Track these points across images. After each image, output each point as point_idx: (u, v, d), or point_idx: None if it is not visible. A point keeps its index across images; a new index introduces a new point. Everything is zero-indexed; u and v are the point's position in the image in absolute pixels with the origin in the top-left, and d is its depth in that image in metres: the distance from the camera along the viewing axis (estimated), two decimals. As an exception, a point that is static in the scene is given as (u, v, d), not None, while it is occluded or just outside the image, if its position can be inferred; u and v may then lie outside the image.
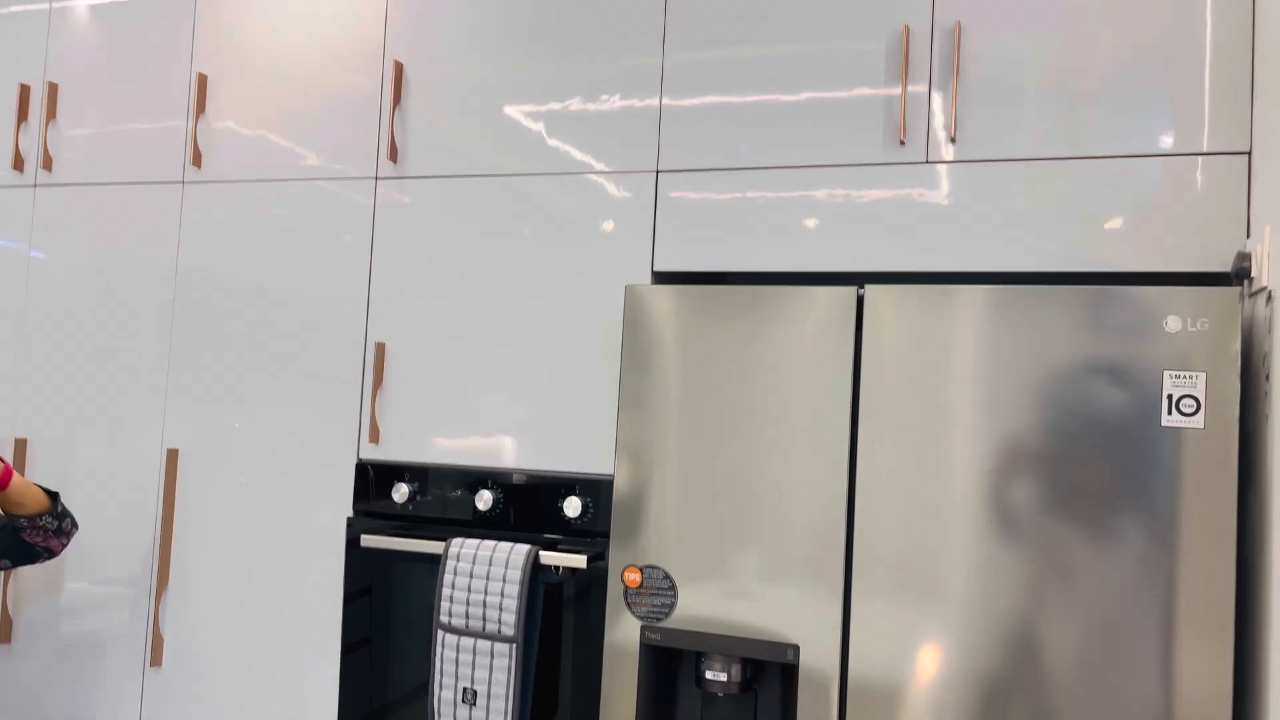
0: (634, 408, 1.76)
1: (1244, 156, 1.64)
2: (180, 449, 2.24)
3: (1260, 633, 1.45)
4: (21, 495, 1.94)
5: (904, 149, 1.81)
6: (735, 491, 1.69)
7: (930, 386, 1.59)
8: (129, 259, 2.31)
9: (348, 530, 2.09)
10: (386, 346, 2.10)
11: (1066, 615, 1.51)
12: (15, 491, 1.93)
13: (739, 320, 1.71)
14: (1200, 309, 1.47)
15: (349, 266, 2.14)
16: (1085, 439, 1.51)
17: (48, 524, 2.00)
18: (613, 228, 1.97)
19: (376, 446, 2.10)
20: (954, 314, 1.59)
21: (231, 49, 2.26)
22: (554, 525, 1.96)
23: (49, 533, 2.00)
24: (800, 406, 1.67)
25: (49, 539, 2.01)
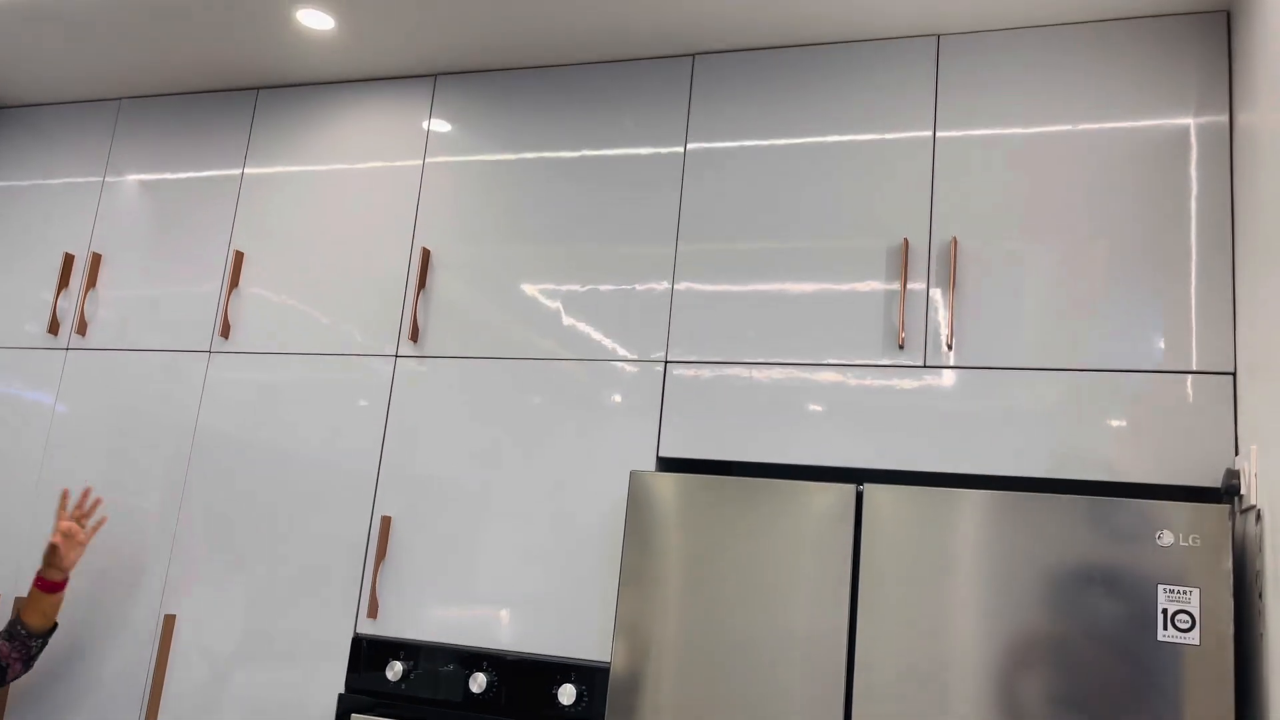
0: (633, 592, 1.77)
1: (1229, 377, 1.71)
2: (178, 614, 2.23)
3: None
4: (55, 609, 2.12)
5: (903, 352, 1.89)
6: (733, 681, 1.68)
7: (928, 585, 1.61)
8: (149, 420, 2.37)
9: (338, 707, 2.06)
10: (392, 520, 2.13)
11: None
12: (56, 602, 2.13)
13: (741, 511, 1.75)
14: (1192, 525, 1.51)
15: (362, 439, 2.20)
16: (1082, 647, 1.51)
17: (36, 646, 2.14)
18: (621, 412, 2.03)
19: (374, 621, 2.09)
20: (951, 515, 1.62)
21: (269, 227, 2.40)
22: (548, 713, 1.93)
23: (29, 655, 2.13)
24: (799, 598, 1.68)
25: (19, 661, 2.12)
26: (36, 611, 2.12)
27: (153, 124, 2.59)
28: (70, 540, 2.12)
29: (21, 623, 2.12)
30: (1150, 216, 1.81)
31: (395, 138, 2.35)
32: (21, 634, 2.12)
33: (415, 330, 2.21)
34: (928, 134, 1.97)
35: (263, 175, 2.44)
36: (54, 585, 2.12)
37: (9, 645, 2.11)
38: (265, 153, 2.45)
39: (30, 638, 2.12)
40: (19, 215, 2.66)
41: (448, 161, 2.30)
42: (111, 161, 2.60)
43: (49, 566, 2.12)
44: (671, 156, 2.13)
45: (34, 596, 2.12)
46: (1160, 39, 1.87)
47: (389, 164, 2.34)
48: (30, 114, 2.73)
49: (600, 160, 2.18)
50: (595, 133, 2.19)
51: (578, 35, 2.15)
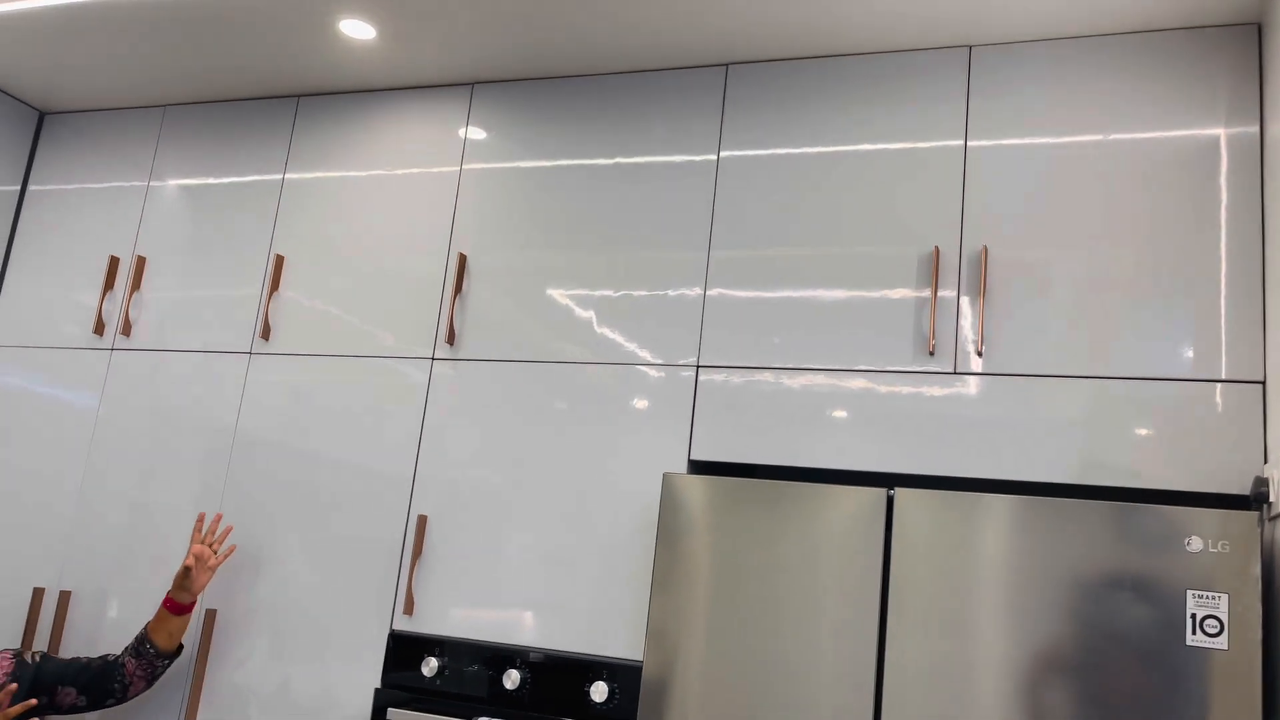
0: (666, 593, 1.81)
1: (1259, 386, 1.73)
2: (219, 609, 2.29)
3: None
4: (181, 631, 2.18)
5: (933, 359, 1.92)
6: (763, 685, 1.71)
7: (958, 589, 1.64)
8: (190, 420, 2.43)
9: (374, 702, 2.10)
10: (428, 519, 2.18)
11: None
12: (184, 624, 2.17)
13: (771, 513, 1.78)
14: (1221, 531, 1.52)
15: (399, 439, 2.25)
16: (1111, 652, 1.53)
17: (162, 666, 2.17)
18: (653, 416, 2.07)
19: (410, 618, 2.14)
20: (981, 520, 1.65)
21: (309, 232, 2.45)
22: (580, 709, 1.97)
23: (153, 674, 2.16)
24: (829, 601, 1.71)
25: (144, 679, 2.15)
26: (163, 632, 2.16)
27: (196, 130, 2.65)
28: (201, 564, 2.16)
29: (150, 641, 2.15)
30: (1180, 226, 1.82)
31: (433, 145, 2.40)
32: (150, 653, 2.15)
33: (451, 334, 2.25)
34: (959, 143, 1.99)
35: (303, 181, 2.50)
36: (183, 608, 2.16)
37: (135, 663, 2.14)
38: (306, 159, 2.51)
39: (158, 657, 2.16)
40: (65, 219, 2.73)
41: (484, 169, 2.34)
42: (156, 167, 2.66)
43: (179, 589, 2.15)
44: (705, 164, 2.17)
45: (162, 617, 2.16)
46: (1191, 50, 1.89)
47: (426, 170, 2.39)
48: (76, 119, 2.80)
49: (634, 168, 2.22)
50: (629, 141, 2.23)
51: (613, 45, 2.19)
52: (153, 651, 2.15)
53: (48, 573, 2.46)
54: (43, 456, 2.55)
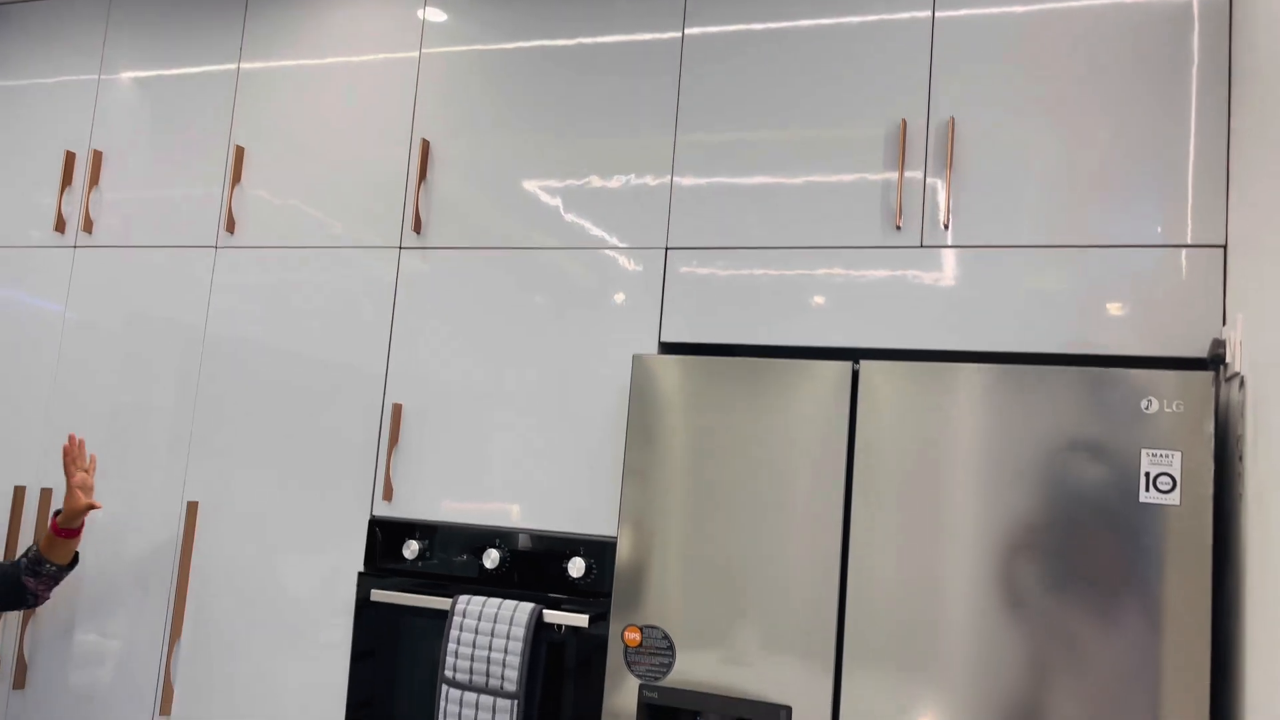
0: (638, 472, 1.84)
1: (1220, 250, 1.74)
2: (200, 501, 2.32)
3: (1236, 702, 1.51)
4: (75, 545, 2.21)
5: (900, 233, 1.92)
6: (733, 557, 1.76)
7: (921, 460, 1.67)
8: (160, 319, 2.42)
9: (358, 585, 2.16)
10: (403, 408, 2.19)
11: (1055, 685, 1.56)
12: (76, 543, 2.20)
13: (740, 391, 1.80)
14: (1177, 392, 1.56)
15: (371, 331, 2.25)
16: (1070, 513, 1.58)
17: (62, 578, 2.22)
18: (623, 300, 2.07)
19: (389, 504, 2.17)
20: (944, 390, 1.68)
21: (268, 123, 2.40)
22: (558, 585, 2.02)
23: (55, 585, 2.22)
24: (798, 477, 1.74)
25: (48, 591, 2.21)
26: (57, 551, 2.19)
27: (145, 19, 2.56)
28: (87, 491, 2.18)
29: (47, 561, 2.19)
30: (1150, 92, 1.81)
31: (391, 28, 2.33)
32: (50, 571, 2.19)
33: (418, 222, 2.23)
34: (926, 14, 1.96)
35: (259, 70, 2.43)
36: (73, 532, 2.19)
37: (35, 581, 2.18)
38: (260, 47, 2.44)
39: (59, 572, 2.20)
40: (17, 115, 2.66)
41: (444, 53, 2.29)
42: (106, 59, 2.58)
43: (69, 516, 2.16)
44: (669, 43, 2.12)
45: (51, 540, 2.18)
46: (1163, -92, 1.84)
47: (385, 55, 2.33)
48: (21, 11, 2.71)
49: (597, 48, 2.17)
50: (591, 19, 2.18)
51: (572, -83, 2.12)
52: (52, 570, 2.20)
53: (27, 472, 2.48)
54: (12, 358, 2.54)
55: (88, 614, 2.37)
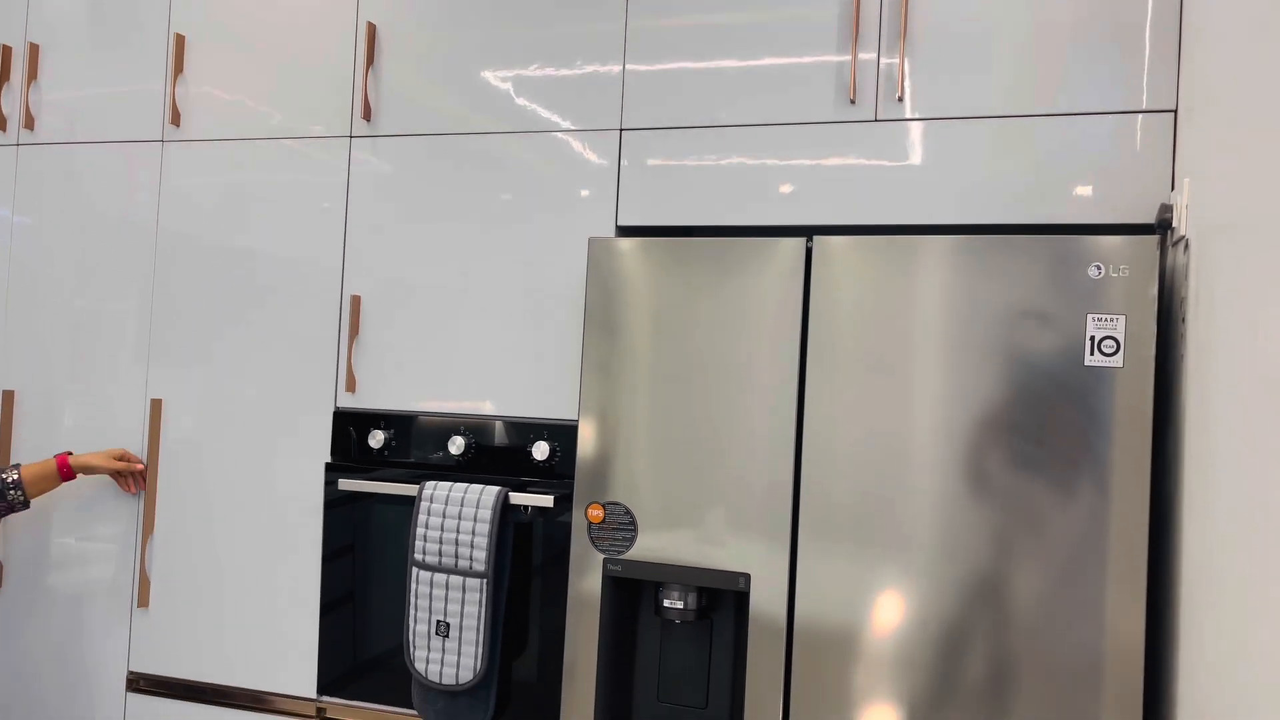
0: (596, 355, 1.85)
1: (1171, 114, 1.74)
2: (164, 399, 2.32)
3: (1172, 562, 1.57)
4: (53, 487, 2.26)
5: (854, 108, 1.90)
6: (693, 435, 1.79)
7: (876, 335, 1.69)
8: (111, 217, 2.38)
9: (326, 475, 2.18)
10: (362, 299, 2.19)
11: (1011, 554, 1.62)
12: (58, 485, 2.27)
13: (696, 271, 1.80)
14: (1123, 256, 1.58)
15: (325, 223, 2.22)
16: (1022, 381, 1.62)
17: (14, 509, 2.22)
18: (578, 185, 2.05)
19: (353, 396, 2.19)
20: (898, 263, 1.69)
21: (208, 10, 2.32)
22: (524, 469, 2.06)
23: (6, 512, 2.21)
24: (755, 355, 1.76)
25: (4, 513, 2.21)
26: (41, 487, 2.21)
27: (73, -98, 2.45)
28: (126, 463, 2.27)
29: (23, 489, 2.19)
30: (1103, -46, 1.78)
31: (330, -95, 2.25)
32: (17, 500, 2.19)
33: (367, 109, 2.19)
34: (881, -124, 1.90)
35: (196, -47, 2.34)
36: (72, 476, 2.24)
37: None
38: (196, -72, 2.34)
39: (23, 505, 2.21)
40: (-53, 9, 2.56)
41: (387, -71, 2.21)
42: (35, -55, 2.48)
43: (84, 466, 2.22)
44: (618, -87, 2.05)
45: (49, 475, 2.21)
46: None
47: (326, -65, 2.25)
48: (-59, -103, 2.58)
49: (545, -80, 2.10)
50: (538, -110, 2.10)
51: None
52: (21, 499, 2.20)
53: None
54: (-36, 261, 2.50)
55: (61, 518, 2.39)
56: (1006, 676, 1.61)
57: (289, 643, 2.21)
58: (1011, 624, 1.61)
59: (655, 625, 1.89)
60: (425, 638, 2.00)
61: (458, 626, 1.98)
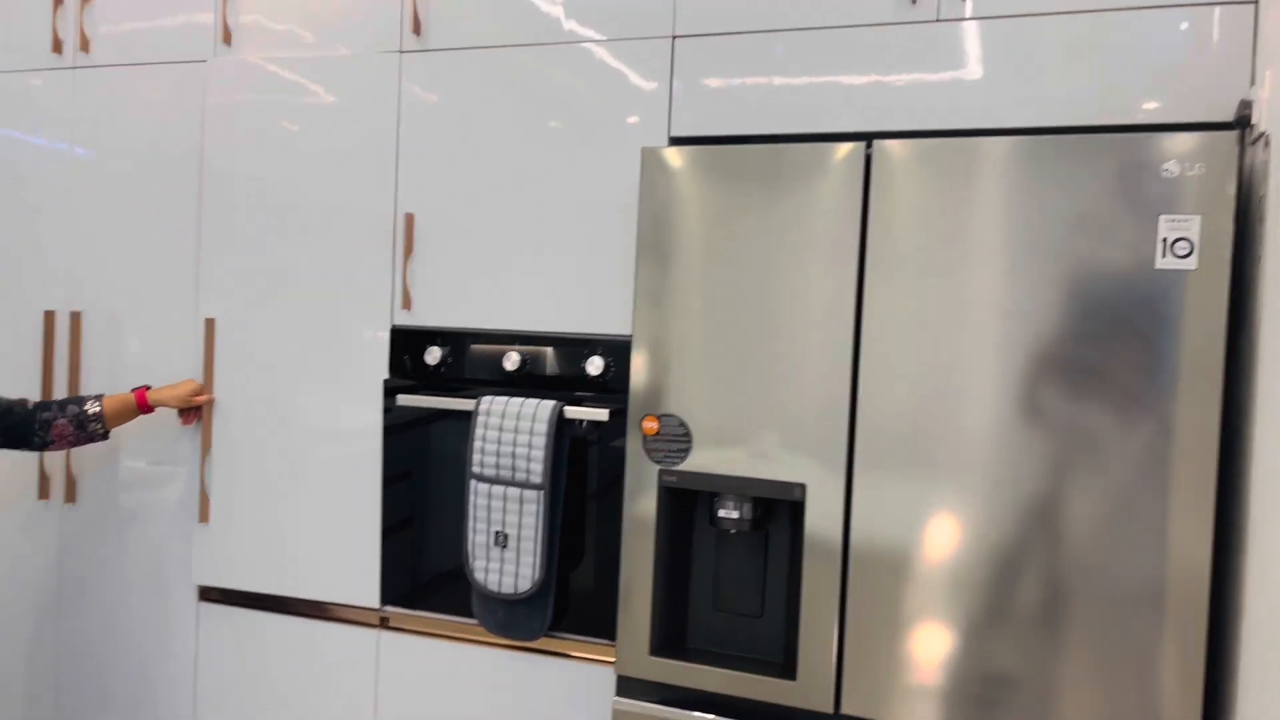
0: (650, 269, 1.84)
1: (1251, 5, 1.66)
2: (220, 319, 2.35)
3: (1241, 483, 1.53)
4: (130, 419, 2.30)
5: (915, 8, 1.84)
6: (748, 350, 1.77)
7: (933, 245, 1.65)
8: (163, 140, 2.39)
9: (384, 390, 2.21)
10: (415, 217, 2.19)
11: (1065, 474, 1.59)
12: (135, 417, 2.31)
13: (750, 179, 1.77)
14: (1198, 154, 1.51)
15: (377, 141, 2.22)
16: (1085, 289, 1.57)
17: (91, 440, 2.25)
18: (630, 96, 2.02)
19: (409, 313, 2.20)
20: (957, 168, 1.64)
21: (256, -74, 2.31)
22: (578, 384, 2.06)
23: (85, 443, 2.25)
24: (812, 266, 1.73)
25: (68, 445, 2.24)
26: (120, 419, 2.26)
27: None
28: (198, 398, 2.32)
29: (103, 421, 2.23)
30: None
31: None
32: (97, 432, 2.23)
33: (416, 23, 2.16)
34: None
35: None
36: (149, 410, 2.29)
37: (72, 431, 2.20)
38: None
39: (102, 437, 2.25)
40: (-1, -67, 2.57)
41: None
42: None
43: (160, 396, 2.27)
44: None
45: (129, 408, 2.26)
46: None
47: None
48: None
49: None
50: None
51: None
52: (101, 431, 2.24)
53: (55, 297, 2.52)
54: (23, 185, 2.53)
55: (128, 440, 2.45)
56: (1062, 602, 1.60)
57: (350, 556, 2.26)
58: (1069, 548, 1.59)
59: (710, 536, 1.90)
60: (484, 549, 2.03)
61: (515, 538, 2.00)
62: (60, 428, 2.19)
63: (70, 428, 2.20)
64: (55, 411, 2.19)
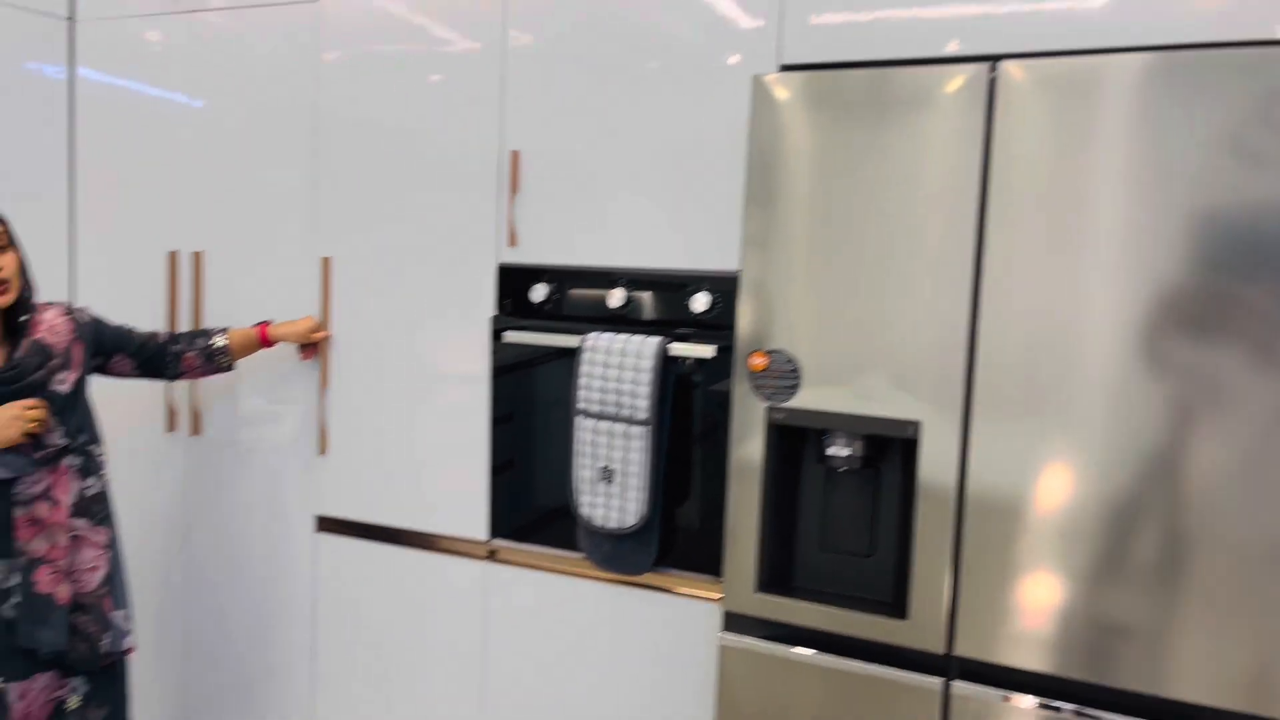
0: (759, 200, 1.80)
1: None
2: (334, 258, 2.40)
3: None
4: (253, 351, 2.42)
5: (1045, -79, 1.73)
6: (860, 286, 1.72)
7: (1061, 170, 1.57)
8: (276, 84, 2.44)
9: (491, 328, 2.23)
10: (521, 154, 2.18)
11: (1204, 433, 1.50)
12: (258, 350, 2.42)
13: (864, 106, 1.70)
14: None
15: (484, 80, 2.21)
16: (1223, 220, 1.47)
17: (220, 372, 2.36)
18: (738, 21, 1.96)
19: (515, 250, 2.21)
20: (1089, 88, 1.55)
21: None
22: (683, 321, 2.04)
23: (213, 374, 2.36)
24: (929, 200, 1.67)
25: (199, 375, 2.35)
26: (245, 352, 2.38)
27: None
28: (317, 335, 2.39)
29: (229, 354, 2.33)
30: None
31: None
32: (223, 363, 2.34)
33: (523, -44, 2.14)
34: None
35: None
36: (270, 344, 2.39)
37: (201, 363, 2.31)
38: None
39: (228, 369, 2.36)
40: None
41: None
42: None
43: (282, 330, 2.37)
44: None
45: (252, 342, 2.37)
46: None
47: None
48: None
49: None
50: None
51: None
52: (227, 363, 2.34)
53: (180, 237, 2.61)
54: (144, 127, 2.62)
55: (247, 379, 2.54)
56: (1183, 555, 1.53)
57: (460, 489, 2.31)
58: (1192, 500, 1.51)
59: (818, 474, 1.87)
60: (590, 484, 2.05)
61: (621, 473, 2.01)
62: (189, 360, 2.29)
63: (199, 360, 2.30)
64: (184, 344, 2.29)
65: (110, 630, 2.05)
